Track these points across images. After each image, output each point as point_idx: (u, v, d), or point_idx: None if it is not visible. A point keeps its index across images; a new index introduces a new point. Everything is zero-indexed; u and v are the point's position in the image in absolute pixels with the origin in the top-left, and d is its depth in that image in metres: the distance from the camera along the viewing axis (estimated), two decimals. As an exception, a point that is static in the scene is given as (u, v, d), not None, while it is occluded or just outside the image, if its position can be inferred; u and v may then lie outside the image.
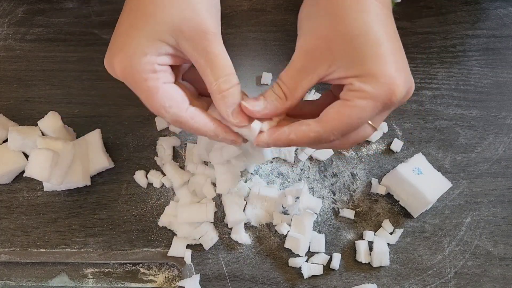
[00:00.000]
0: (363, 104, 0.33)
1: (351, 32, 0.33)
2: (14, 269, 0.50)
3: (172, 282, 0.49)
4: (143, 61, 0.35)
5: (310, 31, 0.35)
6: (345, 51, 0.33)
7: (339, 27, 0.34)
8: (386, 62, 0.33)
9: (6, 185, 0.52)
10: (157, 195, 0.52)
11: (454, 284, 0.49)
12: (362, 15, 0.34)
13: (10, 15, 0.59)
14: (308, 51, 0.35)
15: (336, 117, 0.34)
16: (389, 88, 0.33)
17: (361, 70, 0.33)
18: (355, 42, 0.33)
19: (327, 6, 0.35)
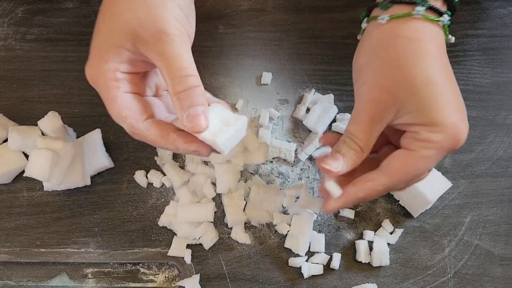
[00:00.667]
0: (429, 154, 0.34)
1: (416, 82, 0.34)
2: (14, 269, 0.50)
3: (172, 282, 0.49)
4: (105, 68, 0.34)
5: (374, 81, 0.36)
6: (410, 100, 0.34)
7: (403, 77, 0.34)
8: (451, 111, 0.34)
9: (6, 185, 0.52)
10: (157, 195, 0.52)
11: (454, 283, 0.49)
12: (423, 64, 0.34)
13: (10, 15, 0.59)
14: (374, 102, 0.35)
15: (403, 169, 0.35)
16: (454, 137, 0.34)
17: (427, 119, 0.34)
18: (421, 92, 0.34)
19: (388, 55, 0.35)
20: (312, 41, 0.58)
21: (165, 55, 0.33)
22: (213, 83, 0.56)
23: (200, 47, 0.57)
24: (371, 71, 0.36)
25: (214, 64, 0.56)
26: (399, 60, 0.35)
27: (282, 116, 0.55)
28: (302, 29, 0.58)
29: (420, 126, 0.34)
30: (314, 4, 0.59)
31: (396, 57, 0.35)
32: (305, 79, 0.56)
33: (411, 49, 0.35)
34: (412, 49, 0.34)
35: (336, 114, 0.54)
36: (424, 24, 0.35)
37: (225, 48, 0.57)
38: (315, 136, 0.53)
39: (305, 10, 0.59)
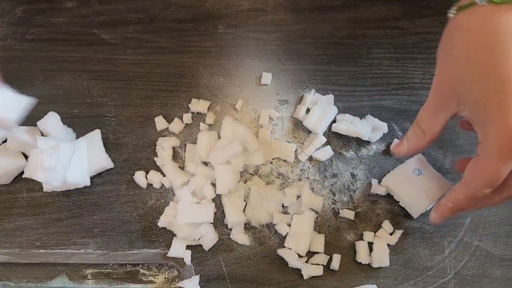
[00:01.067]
0: (490, 161, 0.34)
1: (471, 75, 0.34)
2: (13, 270, 0.50)
3: (172, 283, 0.49)
4: None
5: (439, 72, 0.37)
6: (468, 94, 0.34)
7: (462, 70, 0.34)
8: (507, 108, 0.32)
9: (5, 185, 0.52)
10: (156, 196, 0.52)
11: (454, 284, 0.49)
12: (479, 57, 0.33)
13: (9, 15, 0.58)
14: (437, 91, 0.37)
15: (471, 176, 0.36)
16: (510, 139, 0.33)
17: (481, 114, 0.34)
18: (476, 86, 0.33)
19: (449, 48, 0.36)
20: (312, 41, 0.57)
21: None
22: (212, 83, 0.55)
23: (200, 47, 0.57)
24: (439, 61, 0.38)
25: (214, 64, 0.56)
26: (457, 53, 0.35)
27: (282, 117, 0.55)
28: (302, 29, 0.58)
29: (477, 125, 0.35)
30: (314, 4, 0.59)
31: (454, 50, 0.35)
32: (305, 79, 0.56)
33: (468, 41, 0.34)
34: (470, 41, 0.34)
35: (336, 114, 0.54)
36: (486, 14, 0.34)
37: (225, 48, 0.57)
38: (315, 137, 0.52)
39: (305, 10, 0.59)
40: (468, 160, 0.39)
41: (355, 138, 0.54)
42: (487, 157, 0.34)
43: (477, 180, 0.36)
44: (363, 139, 0.53)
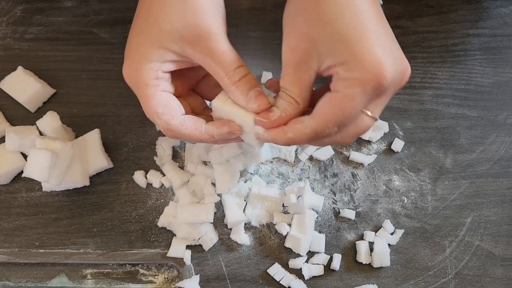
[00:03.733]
0: (351, 92, 0.33)
1: (331, 17, 0.33)
2: (13, 270, 0.50)
3: (171, 283, 0.49)
4: (148, 67, 0.36)
5: (293, 29, 0.35)
6: (327, 38, 0.33)
7: (317, 14, 0.33)
8: (370, 45, 0.32)
9: (4, 185, 0.51)
10: (156, 195, 0.51)
11: (455, 284, 0.49)
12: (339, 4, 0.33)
13: (8, 14, 0.58)
14: (294, 50, 0.35)
15: (328, 110, 0.34)
16: (376, 71, 0.32)
17: (345, 55, 0.33)
18: (336, 26, 0.33)
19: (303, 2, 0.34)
20: (313, 40, 0.57)
21: (215, 52, 0.35)
22: (212, 82, 0.55)
23: (199, 46, 0.57)
24: (288, 20, 0.36)
25: (214, 64, 0.56)
26: (312, 4, 0.34)
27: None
28: (303, 29, 0.58)
29: (339, 67, 0.33)
30: (315, 3, 0.59)
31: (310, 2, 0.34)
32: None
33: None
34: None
35: (337, 114, 0.53)
36: None
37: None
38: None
39: (306, 9, 0.59)
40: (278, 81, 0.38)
41: (355, 138, 0.53)
42: (348, 92, 0.33)
43: (333, 116, 0.34)
44: (364, 138, 0.53)
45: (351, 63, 0.32)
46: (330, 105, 0.34)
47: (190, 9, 0.36)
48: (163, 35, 0.36)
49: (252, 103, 0.36)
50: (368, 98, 0.33)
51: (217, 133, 0.37)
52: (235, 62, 0.36)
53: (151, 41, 0.36)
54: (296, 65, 0.35)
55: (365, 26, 0.33)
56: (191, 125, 0.37)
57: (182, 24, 0.35)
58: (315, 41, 0.33)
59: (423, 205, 0.52)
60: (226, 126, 0.38)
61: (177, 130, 0.37)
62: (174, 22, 0.35)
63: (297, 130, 0.35)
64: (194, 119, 0.38)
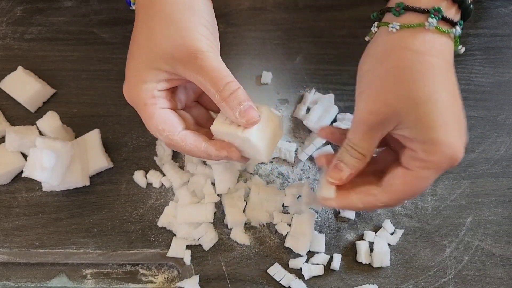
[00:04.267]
0: (427, 175, 0.35)
1: (416, 98, 0.34)
2: (13, 270, 0.50)
3: (171, 283, 0.49)
4: (144, 88, 0.38)
5: (376, 93, 0.36)
6: (410, 116, 0.34)
7: (408, 91, 0.34)
8: (449, 130, 0.34)
9: (4, 185, 0.51)
10: (156, 195, 0.51)
11: (455, 284, 0.49)
12: (431, 81, 0.34)
13: (8, 14, 0.58)
14: (373, 113, 0.35)
15: (402, 188, 0.36)
16: (452, 157, 0.34)
17: (425, 137, 0.34)
18: (423, 108, 0.34)
19: (393, 69, 0.35)
20: (313, 40, 0.57)
21: (204, 70, 0.36)
22: (212, 82, 0.55)
23: (199, 46, 0.57)
24: (374, 80, 0.36)
25: (214, 64, 0.56)
26: (403, 74, 0.34)
27: (282, 116, 0.54)
28: (303, 28, 0.58)
29: (418, 144, 0.35)
30: (315, 3, 0.59)
31: (400, 70, 0.34)
32: (306, 78, 0.56)
33: (416, 63, 0.34)
34: (417, 63, 0.34)
35: (337, 114, 0.53)
36: (435, 36, 0.35)
37: (225, 47, 0.57)
38: (315, 136, 0.52)
39: (305, 9, 0.59)
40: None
41: (355, 138, 0.53)
42: (423, 174, 0.35)
43: (408, 194, 0.36)
44: (364, 138, 0.53)
45: (431, 146, 0.34)
46: (404, 183, 0.36)
47: (177, 31, 0.37)
48: (155, 57, 0.37)
49: (241, 117, 0.37)
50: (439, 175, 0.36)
51: (215, 154, 0.39)
52: (225, 78, 0.37)
53: (145, 64, 0.38)
54: (373, 126, 0.36)
55: (448, 112, 0.34)
56: (191, 142, 0.39)
57: (170, 45, 0.37)
58: (399, 113, 0.35)
59: (423, 205, 0.52)
60: (225, 151, 0.39)
61: (177, 145, 0.39)
62: (163, 44, 0.37)
63: (369, 202, 0.37)
64: (194, 137, 0.39)
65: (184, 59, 0.37)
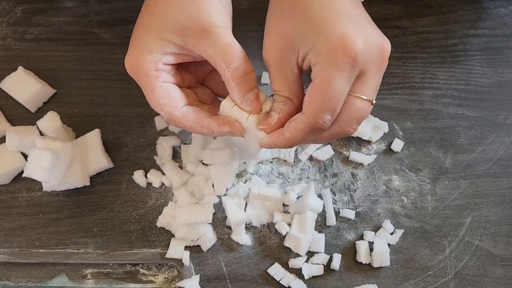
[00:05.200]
0: (327, 74, 0.32)
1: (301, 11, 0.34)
2: (13, 270, 0.50)
3: (171, 283, 0.49)
4: (148, 59, 0.36)
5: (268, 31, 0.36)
6: (299, 30, 0.34)
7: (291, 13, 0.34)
8: (337, 24, 0.32)
9: (5, 185, 0.52)
10: (156, 195, 0.51)
11: (455, 284, 0.49)
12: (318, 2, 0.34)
13: (9, 14, 0.58)
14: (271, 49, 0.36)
15: (313, 99, 0.34)
16: (342, 44, 0.32)
17: (313, 40, 0.33)
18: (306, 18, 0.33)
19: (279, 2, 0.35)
20: (312, 40, 0.57)
21: (217, 43, 0.35)
22: (213, 83, 0.55)
23: (199, 46, 0.57)
24: (267, 23, 0.37)
25: (214, 64, 0.56)
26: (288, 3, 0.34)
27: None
28: (302, 29, 0.58)
29: (311, 52, 0.33)
30: (314, 3, 0.59)
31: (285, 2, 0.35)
32: (305, 78, 0.56)
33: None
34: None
35: (337, 114, 0.53)
36: None
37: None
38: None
39: (305, 10, 0.59)
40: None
41: (355, 138, 0.54)
42: (324, 74, 0.33)
43: (318, 103, 0.33)
44: (364, 138, 0.53)
45: (319, 44, 0.33)
46: (313, 94, 0.34)
47: (193, 3, 0.36)
48: (164, 27, 0.36)
49: (247, 105, 0.37)
50: (347, 77, 0.33)
51: (217, 130, 0.38)
52: (237, 56, 0.36)
53: (152, 33, 0.37)
54: (277, 63, 0.35)
55: (333, 12, 0.33)
56: (193, 117, 0.38)
57: (185, 16, 0.36)
58: (289, 36, 0.34)
59: (423, 205, 0.52)
60: (227, 126, 0.38)
61: (178, 121, 0.38)
62: (178, 14, 0.36)
63: (293, 128, 0.35)
64: (196, 112, 0.38)
65: (197, 32, 0.35)
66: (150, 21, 0.37)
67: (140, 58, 0.37)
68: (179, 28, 0.36)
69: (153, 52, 0.36)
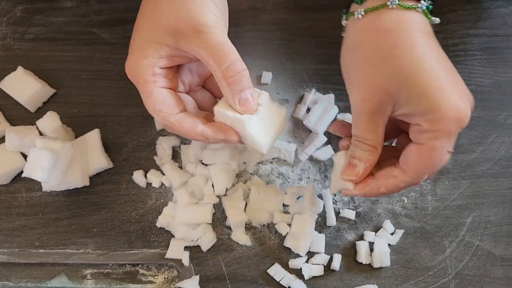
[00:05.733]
0: (439, 143, 0.34)
1: (405, 70, 0.33)
2: (13, 270, 0.50)
3: (171, 283, 0.49)
4: (144, 64, 0.37)
5: (362, 80, 0.36)
6: (402, 91, 0.34)
7: (391, 68, 0.34)
8: (447, 92, 0.33)
9: (4, 185, 0.51)
10: (156, 196, 0.51)
11: (455, 284, 0.49)
12: (409, 51, 0.34)
13: (8, 14, 0.58)
14: (367, 101, 0.35)
15: (420, 164, 0.35)
16: (457, 118, 0.34)
17: (424, 107, 0.34)
18: (412, 79, 0.33)
19: (370, 51, 0.35)
20: (313, 40, 0.57)
21: (208, 44, 0.35)
22: (212, 82, 0.55)
23: (199, 46, 0.57)
24: (357, 70, 0.36)
25: (214, 64, 0.56)
26: (381, 54, 0.34)
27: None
28: (303, 28, 0.58)
29: (419, 117, 0.34)
30: (315, 2, 0.59)
31: (378, 51, 0.34)
32: (306, 78, 0.56)
33: (390, 40, 0.34)
34: (392, 40, 0.34)
35: (337, 114, 0.53)
36: (401, 12, 0.35)
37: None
38: (315, 136, 0.52)
39: (306, 9, 0.59)
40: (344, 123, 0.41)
41: (355, 138, 0.53)
42: (436, 143, 0.34)
43: (425, 167, 0.35)
44: (364, 138, 0.53)
45: (433, 114, 0.33)
46: (420, 158, 0.35)
47: (184, 4, 0.36)
48: (158, 30, 0.36)
49: (240, 106, 0.37)
50: (454, 140, 0.35)
51: (211, 137, 0.38)
52: (229, 55, 0.36)
53: (147, 38, 0.37)
54: (371, 114, 0.36)
55: (438, 74, 0.34)
56: (188, 124, 0.38)
57: (175, 18, 0.36)
58: (391, 92, 0.34)
59: (423, 205, 0.51)
60: (222, 133, 0.38)
61: (173, 127, 0.38)
62: (168, 17, 0.36)
63: (391, 185, 0.37)
64: (191, 118, 0.38)
65: (188, 33, 0.36)
66: (144, 26, 0.38)
67: (138, 63, 0.37)
68: (171, 30, 0.36)
69: (149, 57, 0.37)
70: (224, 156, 0.47)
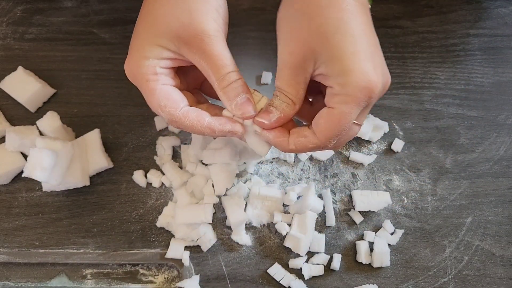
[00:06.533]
0: (347, 109, 0.35)
1: (329, 30, 0.34)
2: (13, 270, 0.50)
3: (171, 283, 0.49)
4: (145, 64, 0.37)
5: (292, 33, 0.36)
6: (323, 49, 0.35)
7: (317, 26, 0.35)
8: (361, 59, 0.34)
9: (4, 185, 0.51)
10: (156, 195, 0.51)
11: (455, 284, 0.49)
12: (338, 14, 0.35)
13: (8, 14, 0.58)
14: (292, 54, 0.36)
15: (328, 127, 0.36)
16: (366, 86, 0.34)
17: (338, 68, 0.34)
18: (333, 40, 0.34)
19: (302, 7, 0.36)
20: (313, 40, 0.57)
21: (209, 55, 0.36)
22: (212, 82, 0.55)
23: (199, 46, 0.57)
24: (288, 22, 0.37)
25: (214, 64, 0.56)
26: (311, 10, 0.35)
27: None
28: (303, 29, 0.58)
29: (333, 79, 0.35)
30: (315, 3, 0.59)
31: (309, 7, 0.35)
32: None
33: (327, 1, 0.35)
34: (329, 1, 0.35)
35: (337, 114, 0.53)
36: None
37: (225, 47, 0.57)
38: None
39: (306, 9, 0.59)
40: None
41: (355, 138, 0.54)
42: (344, 108, 0.35)
43: (333, 131, 0.36)
44: (364, 138, 0.53)
45: (343, 77, 0.34)
46: (329, 122, 0.36)
47: (187, 10, 0.37)
48: (160, 34, 0.37)
49: (236, 109, 0.37)
50: (360, 110, 0.36)
51: (218, 129, 0.38)
52: (227, 67, 0.37)
53: (148, 40, 0.37)
54: (294, 68, 0.36)
55: (358, 42, 0.34)
56: (193, 117, 0.38)
57: (177, 24, 0.36)
58: (314, 49, 0.35)
59: (423, 205, 0.52)
60: (229, 125, 0.38)
61: (180, 121, 0.38)
62: (171, 22, 0.36)
63: (301, 143, 0.37)
64: (197, 111, 0.38)
65: (190, 40, 0.36)
66: (146, 28, 0.38)
67: (139, 64, 0.37)
68: (173, 36, 0.36)
69: (150, 58, 0.37)
70: (224, 156, 0.47)
